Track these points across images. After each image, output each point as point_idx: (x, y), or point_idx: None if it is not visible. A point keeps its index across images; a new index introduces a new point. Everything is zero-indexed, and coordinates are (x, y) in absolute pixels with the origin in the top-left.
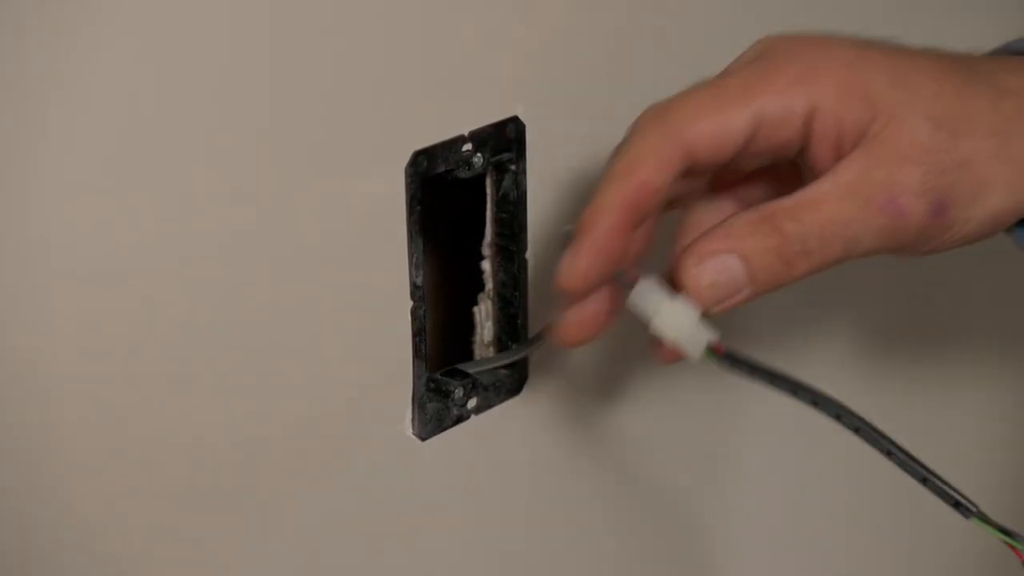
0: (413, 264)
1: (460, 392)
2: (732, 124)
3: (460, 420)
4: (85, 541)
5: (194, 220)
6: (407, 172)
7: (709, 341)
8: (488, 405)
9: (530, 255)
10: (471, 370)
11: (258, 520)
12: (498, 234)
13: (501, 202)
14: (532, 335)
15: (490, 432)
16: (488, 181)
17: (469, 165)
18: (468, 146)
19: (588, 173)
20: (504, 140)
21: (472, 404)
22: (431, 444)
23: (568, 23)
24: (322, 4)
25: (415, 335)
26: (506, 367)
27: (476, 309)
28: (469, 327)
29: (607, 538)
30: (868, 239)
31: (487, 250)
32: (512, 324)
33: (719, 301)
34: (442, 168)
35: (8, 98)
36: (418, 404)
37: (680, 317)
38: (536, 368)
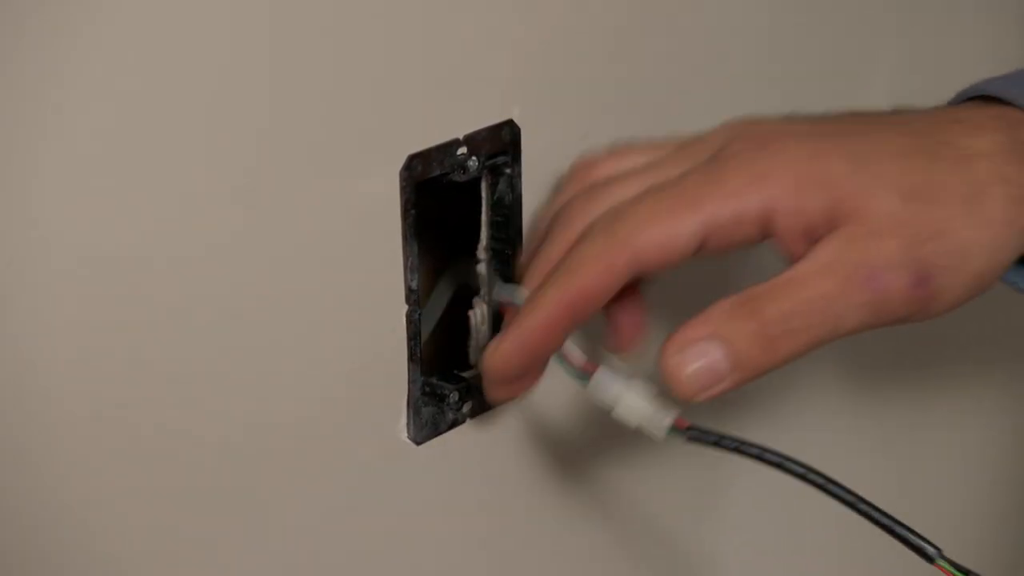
0: (408, 268)
1: (455, 396)
2: (680, 233)
3: (455, 424)
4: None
5: (190, 222)
6: (402, 176)
7: (672, 420)
8: (483, 409)
9: None
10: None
11: (253, 523)
12: (493, 238)
13: (496, 206)
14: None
15: (485, 436)
16: (483, 185)
17: (464, 169)
18: (463, 149)
19: None
20: (499, 144)
21: (467, 408)
22: (426, 448)
23: (564, 26)
24: (318, 8)
25: (410, 339)
26: None
27: (471, 313)
28: (464, 331)
29: (602, 542)
30: (852, 317)
31: (482, 254)
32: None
33: (702, 389)
34: (437, 172)
35: (8, 98)
36: (413, 408)
37: (640, 403)
38: None
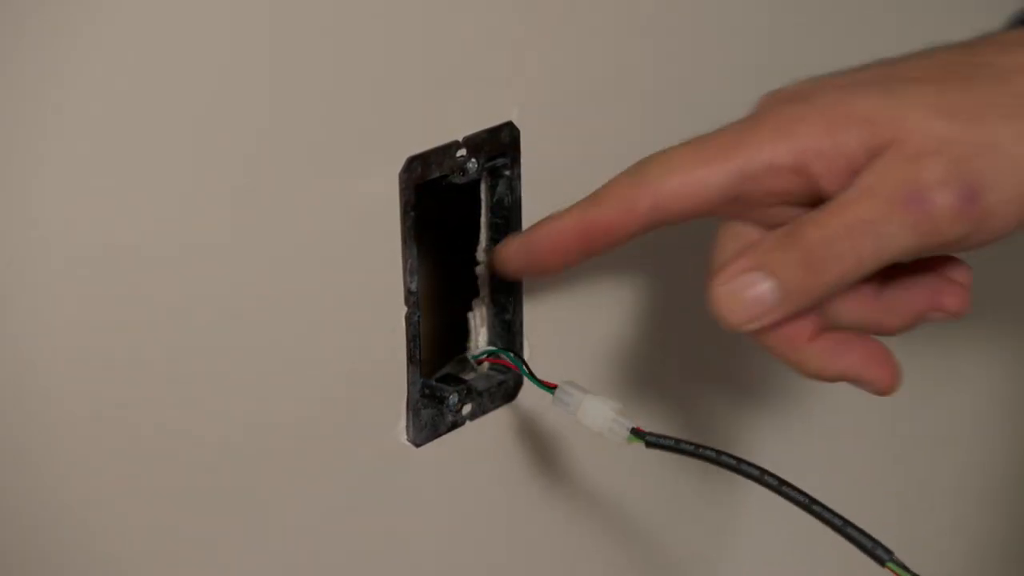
0: (407, 270)
1: (455, 398)
2: (708, 182)
3: (455, 426)
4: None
5: (190, 223)
6: (401, 178)
7: (631, 425)
8: (483, 411)
9: None
10: None
11: (252, 524)
12: (492, 240)
13: (496, 208)
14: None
15: (485, 438)
16: (482, 186)
17: (463, 170)
18: (462, 151)
19: (583, 179)
20: (499, 145)
21: (467, 410)
22: (426, 450)
23: (563, 28)
24: (318, 9)
25: (409, 341)
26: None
27: (471, 315)
28: (464, 333)
29: (601, 544)
30: (900, 237)
31: (482, 256)
32: (507, 330)
33: (752, 319)
34: (436, 173)
35: (8, 98)
36: (412, 410)
37: (599, 410)
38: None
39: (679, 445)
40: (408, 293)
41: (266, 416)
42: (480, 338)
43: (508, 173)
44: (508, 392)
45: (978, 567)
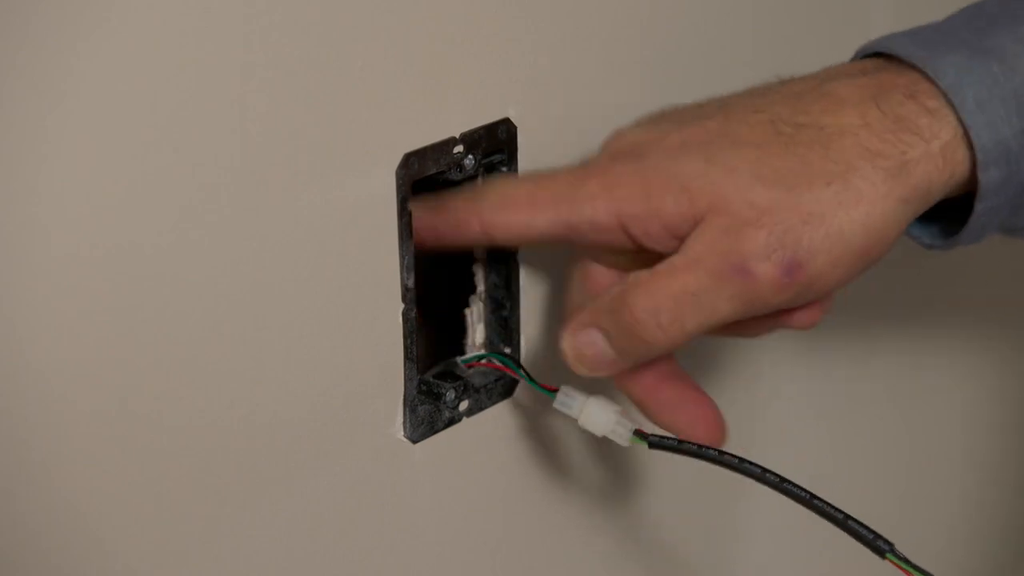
0: (404, 266)
1: (452, 395)
2: (532, 224)
3: (452, 423)
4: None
5: (187, 222)
6: (398, 174)
7: (634, 428)
8: (480, 407)
9: (521, 257)
10: None
11: (249, 521)
12: None
13: None
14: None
15: (482, 435)
16: (480, 183)
17: (460, 167)
18: (459, 148)
19: None
20: (495, 142)
21: (464, 407)
22: (422, 447)
23: (560, 25)
24: (316, 8)
25: (406, 337)
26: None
27: (467, 311)
28: (460, 329)
29: (599, 540)
30: (725, 307)
31: (478, 253)
32: (503, 326)
33: (592, 370)
34: (433, 170)
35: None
36: (409, 407)
37: (602, 413)
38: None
39: (682, 446)
40: (405, 290)
41: (263, 413)
42: (477, 335)
43: (505, 169)
44: (505, 388)
45: (977, 567)
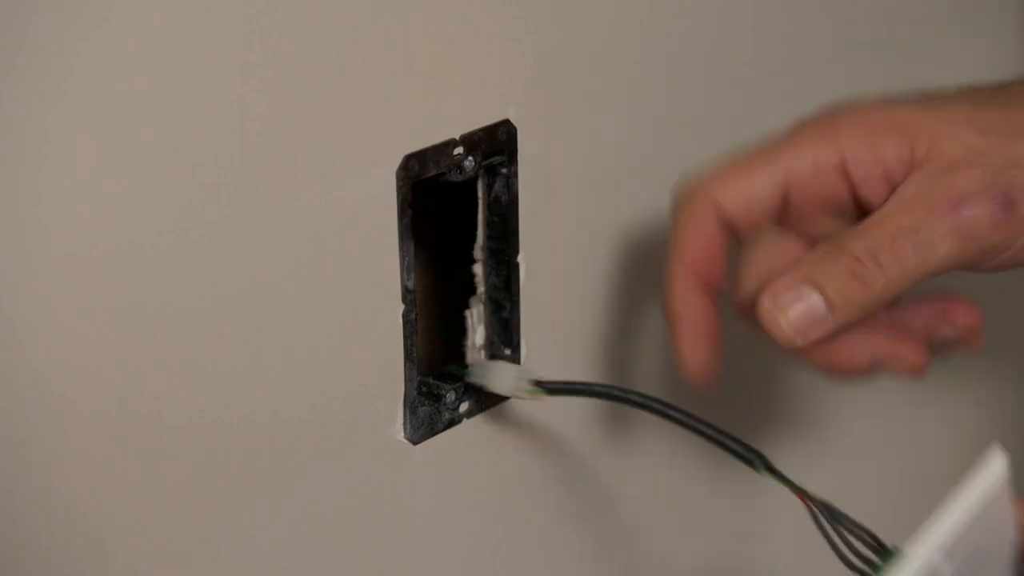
0: (404, 268)
1: (452, 396)
2: (758, 186)
3: (452, 424)
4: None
5: (187, 222)
6: (398, 176)
7: (531, 378)
8: (480, 409)
9: (521, 259)
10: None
11: (249, 521)
12: (490, 237)
13: (493, 205)
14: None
15: (482, 436)
16: (479, 184)
17: (460, 169)
18: (459, 149)
19: (579, 176)
20: (496, 143)
21: (464, 408)
22: (422, 448)
23: (560, 26)
24: (316, 8)
25: (406, 338)
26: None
27: (468, 313)
28: (461, 331)
29: (598, 543)
30: (941, 245)
31: (479, 254)
32: (504, 328)
33: (801, 333)
34: (433, 171)
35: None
36: (409, 408)
37: (504, 373)
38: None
39: (573, 387)
40: (405, 291)
41: (263, 413)
42: (477, 336)
43: (505, 171)
44: None
45: None
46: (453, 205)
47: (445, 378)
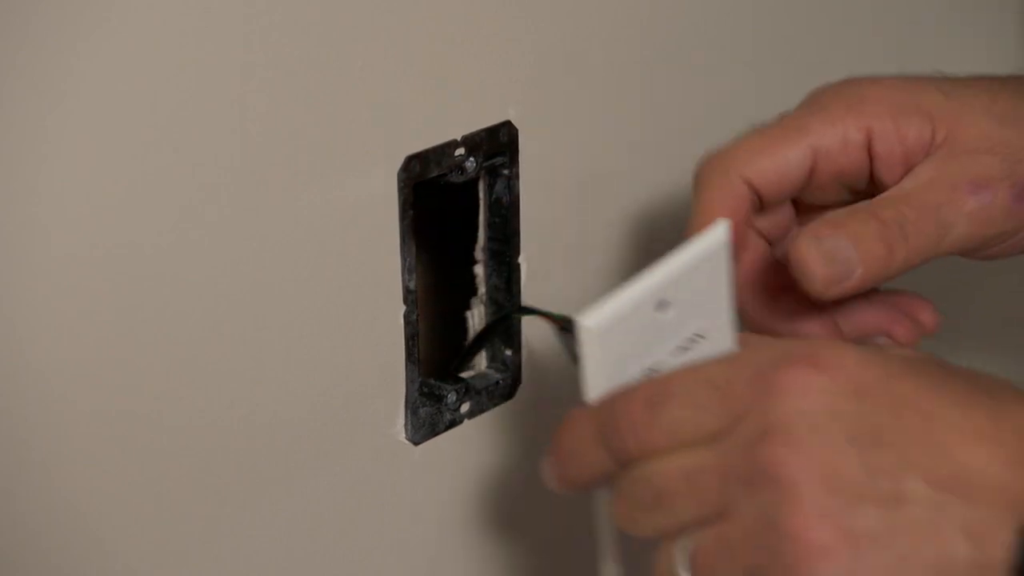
0: (406, 268)
1: (453, 396)
2: (790, 159)
3: (453, 424)
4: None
5: (188, 223)
6: (400, 176)
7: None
8: (481, 409)
9: (523, 259)
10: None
11: (249, 521)
12: (491, 238)
13: (494, 206)
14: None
15: (483, 437)
16: (481, 185)
17: (462, 169)
18: (461, 150)
19: (581, 177)
20: (497, 144)
21: (465, 408)
22: (424, 448)
23: (561, 27)
24: (317, 9)
25: (408, 339)
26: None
27: (469, 313)
28: (462, 331)
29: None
30: (959, 226)
31: (480, 254)
32: (504, 328)
33: (835, 281)
34: (435, 172)
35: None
36: (411, 408)
37: None
38: (529, 372)
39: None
40: (406, 291)
41: (263, 413)
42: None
43: (506, 172)
44: (506, 390)
45: None
46: (454, 206)
47: (446, 379)
